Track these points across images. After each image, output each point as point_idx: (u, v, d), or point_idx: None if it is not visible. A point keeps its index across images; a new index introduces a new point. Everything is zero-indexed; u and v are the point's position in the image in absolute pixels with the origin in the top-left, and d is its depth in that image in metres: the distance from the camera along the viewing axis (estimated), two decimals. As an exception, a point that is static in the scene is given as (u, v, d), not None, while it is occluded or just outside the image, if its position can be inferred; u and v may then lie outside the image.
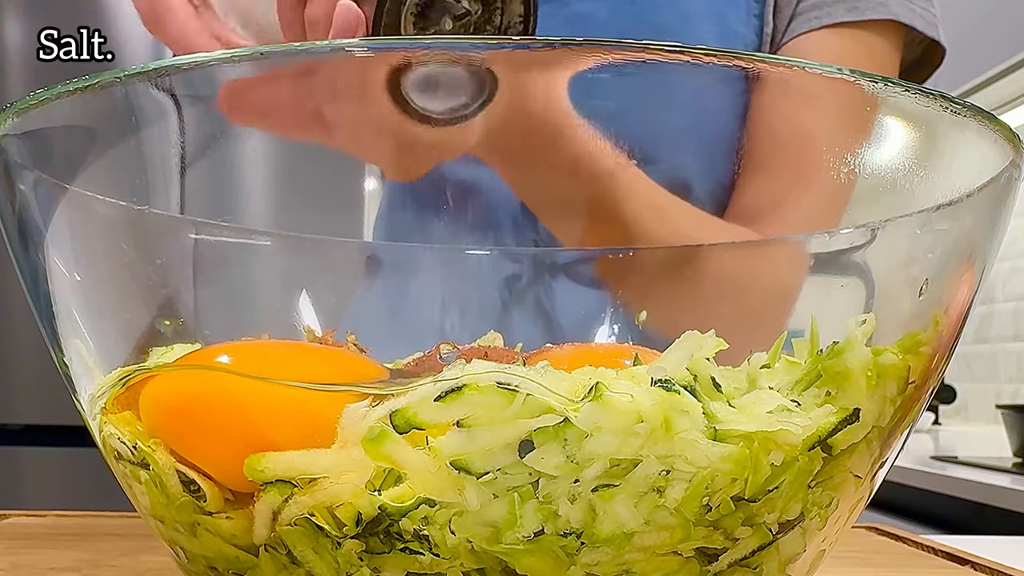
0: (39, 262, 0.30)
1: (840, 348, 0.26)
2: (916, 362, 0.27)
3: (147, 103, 0.28)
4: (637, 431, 0.23)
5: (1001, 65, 1.74)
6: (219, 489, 0.26)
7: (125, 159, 0.30)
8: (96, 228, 0.31)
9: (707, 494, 0.24)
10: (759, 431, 0.24)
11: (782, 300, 0.33)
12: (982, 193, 0.29)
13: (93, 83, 0.26)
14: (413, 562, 0.24)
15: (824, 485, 0.26)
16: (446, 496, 0.23)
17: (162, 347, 0.31)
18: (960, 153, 0.29)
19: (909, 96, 0.26)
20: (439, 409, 0.23)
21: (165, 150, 0.30)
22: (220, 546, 0.26)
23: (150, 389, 0.27)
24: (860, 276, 0.32)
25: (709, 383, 0.25)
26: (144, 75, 0.26)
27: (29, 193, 0.29)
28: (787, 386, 0.27)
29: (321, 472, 0.24)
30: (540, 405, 0.23)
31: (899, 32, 0.64)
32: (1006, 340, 2.33)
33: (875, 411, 0.26)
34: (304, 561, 0.25)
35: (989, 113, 0.27)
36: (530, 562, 0.24)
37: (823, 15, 0.63)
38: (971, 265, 0.29)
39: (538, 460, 0.23)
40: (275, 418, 0.25)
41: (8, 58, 1.78)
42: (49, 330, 0.30)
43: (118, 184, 0.30)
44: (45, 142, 0.29)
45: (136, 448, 0.27)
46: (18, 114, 0.28)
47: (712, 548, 0.25)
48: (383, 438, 0.23)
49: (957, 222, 0.29)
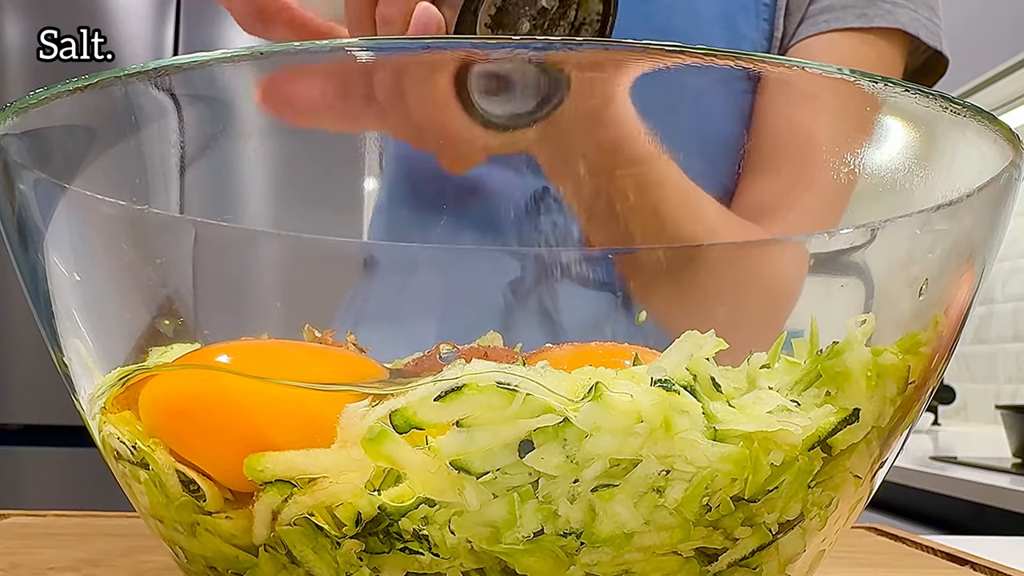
0: (39, 262, 0.30)
1: (840, 348, 0.26)
2: (916, 362, 0.27)
3: (147, 102, 0.28)
4: (637, 431, 0.23)
5: (1001, 65, 1.74)
6: (218, 489, 0.26)
7: (125, 159, 0.30)
8: (96, 228, 0.31)
9: (707, 494, 0.24)
10: (759, 431, 0.24)
11: (784, 298, 0.33)
12: (982, 193, 0.29)
13: (93, 82, 0.26)
14: (413, 562, 0.24)
15: (824, 485, 0.26)
16: (446, 496, 0.23)
17: (161, 347, 0.31)
18: (960, 153, 0.29)
19: (909, 96, 0.26)
20: (439, 409, 0.23)
21: (165, 150, 0.30)
22: (219, 546, 0.26)
23: (149, 389, 0.27)
24: (860, 276, 0.32)
25: (709, 383, 0.25)
26: (144, 75, 0.26)
27: (29, 193, 0.29)
28: (787, 386, 0.27)
29: (321, 472, 0.24)
30: (540, 405, 0.23)
31: (904, 41, 0.66)
32: (1005, 341, 2.33)
33: (875, 411, 0.26)
34: (303, 561, 0.25)
35: (989, 113, 0.27)
36: (530, 562, 0.24)
37: (832, 19, 0.64)
38: (971, 265, 0.29)
39: (538, 460, 0.23)
40: (275, 418, 0.25)
41: (8, 57, 1.78)
42: (48, 330, 0.30)
43: (118, 184, 0.30)
44: (45, 141, 0.29)
45: (135, 448, 0.27)
46: (18, 113, 0.28)
47: (712, 548, 0.25)
48: (383, 438, 0.23)
49: (957, 222, 0.29)
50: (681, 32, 0.63)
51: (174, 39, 1.82)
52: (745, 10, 0.65)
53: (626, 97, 0.28)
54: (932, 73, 0.69)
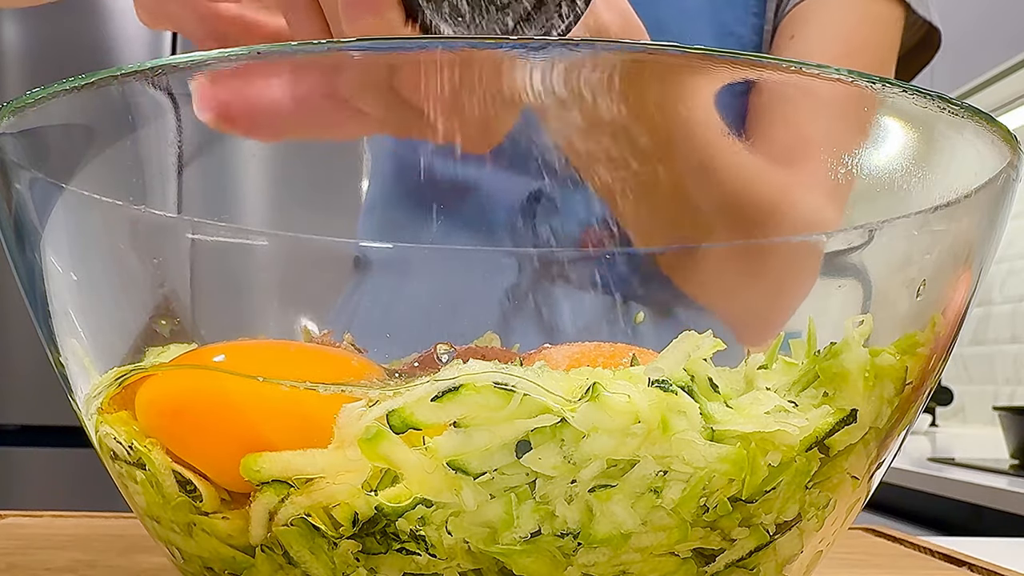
0: (35, 261, 0.30)
1: (837, 349, 0.26)
2: (913, 363, 0.27)
3: (144, 102, 0.27)
4: (634, 431, 0.23)
5: (1001, 66, 1.74)
6: (215, 489, 0.26)
7: (122, 158, 0.30)
8: (93, 227, 0.31)
9: (704, 494, 0.24)
10: (756, 432, 0.24)
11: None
12: (980, 194, 0.29)
13: (90, 82, 0.26)
14: (409, 562, 0.24)
15: (821, 486, 0.26)
16: (443, 496, 0.23)
17: (158, 347, 0.31)
18: (958, 154, 0.29)
19: (907, 97, 0.26)
20: (436, 409, 0.23)
21: (162, 149, 0.30)
22: (216, 546, 0.26)
23: (146, 389, 0.27)
24: (857, 277, 0.32)
25: (706, 383, 0.25)
26: (141, 74, 0.26)
27: (25, 192, 0.29)
28: (784, 387, 0.27)
29: (317, 472, 0.24)
30: (537, 405, 0.23)
31: (898, 12, 0.65)
32: (1003, 342, 2.33)
33: (872, 412, 0.26)
34: (300, 561, 0.25)
35: (987, 114, 0.27)
36: (527, 563, 0.24)
37: None
38: (968, 266, 0.29)
39: (535, 460, 0.23)
40: (271, 418, 0.25)
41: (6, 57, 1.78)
42: (45, 330, 0.30)
43: (115, 183, 0.30)
44: (42, 141, 0.29)
45: (132, 448, 0.27)
46: (14, 113, 0.28)
47: (709, 549, 0.25)
48: (380, 438, 0.23)
49: (955, 223, 0.29)
50: (668, 25, 0.63)
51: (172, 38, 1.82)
52: (733, 6, 0.65)
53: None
54: (930, 46, 0.70)
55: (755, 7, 0.65)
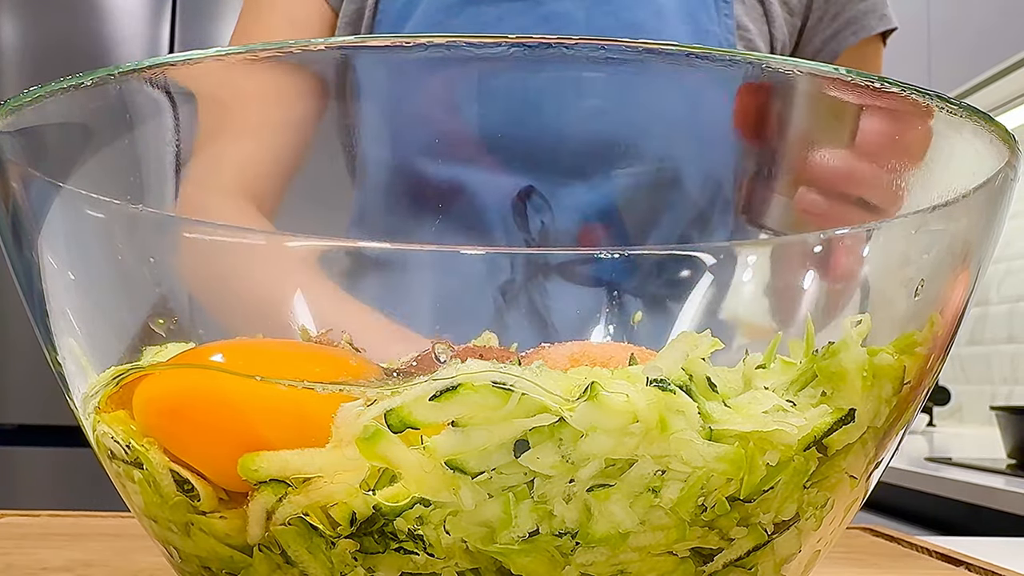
0: (33, 260, 0.30)
1: (836, 348, 0.26)
2: (911, 363, 0.27)
3: (142, 100, 0.27)
4: (632, 431, 0.23)
5: (1000, 65, 1.74)
6: (213, 489, 0.26)
7: (119, 157, 0.30)
8: (90, 226, 0.31)
9: (702, 494, 0.24)
10: (755, 431, 0.24)
11: None
12: (978, 194, 0.29)
13: (87, 80, 0.26)
14: (408, 562, 0.24)
15: (819, 485, 0.26)
16: (441, 496, 0.23)
17: (156, 346, 0.31)
18: (956, 154, 0.29)
19: (905, 96, 0.26)
20: (434, 408, 0.23)
21: (160, 148, 0.30)
22: (214, 546, 0.26)
23: (144, 388, 0.27)
24: (856, 277, 0.32)
25: (705, 383, 0.25)
26: (138, 72, 0.26)
27: (23, 191, 0.29)
28: (783, 386, 0.27)
29: (315, 472, 0.24)
30: (535, 404, 0.23)
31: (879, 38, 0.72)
32: (1000, 342, 2.33)
33: (870, 411, 0.26)
34: (298, 561, 0.25)
35: (985, 114, 0.27)
36: (525, 562, 0.24)
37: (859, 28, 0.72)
38: (966, 266, 0.29)
39: (533, 460, 0.23)
40: (269, 417, 0.25)
41: (4, 55, 1.77)
42: (43, 329, 0.30)
43: (112, 182, 0.30)
44: (39, 139, 0.29)
45: (129, 447, 0.27)
46: (12, 111, 0.28)
47: (707, 548, 0.25)
48: (378, 437, 0.23)
49: (953, 223, 0.29)
50: (647, 27, 0.64)
51: (170, 37, 1.81)
52: (705, 7, 0.67)
53: None
54: None
55: (726, 9, 0.67)
